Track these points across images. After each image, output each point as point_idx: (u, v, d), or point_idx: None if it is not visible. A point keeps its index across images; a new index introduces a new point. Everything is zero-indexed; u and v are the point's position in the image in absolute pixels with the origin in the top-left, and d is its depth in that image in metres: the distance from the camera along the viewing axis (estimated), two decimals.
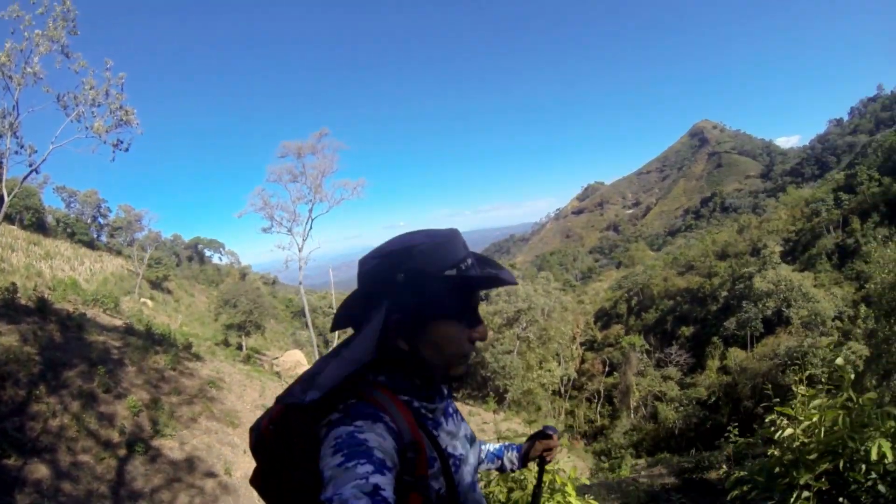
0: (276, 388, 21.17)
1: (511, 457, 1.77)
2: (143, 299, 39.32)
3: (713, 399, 40.48)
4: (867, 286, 37.11)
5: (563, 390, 52.79)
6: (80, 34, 17.08)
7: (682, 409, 40.89)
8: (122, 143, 17.73)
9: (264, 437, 1.22)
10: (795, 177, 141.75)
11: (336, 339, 27.50)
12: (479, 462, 1.60)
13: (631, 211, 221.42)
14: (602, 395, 52.29)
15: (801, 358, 32.85)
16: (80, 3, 17.48)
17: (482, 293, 1.34)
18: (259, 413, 15.84)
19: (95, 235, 58.24)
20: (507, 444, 1.83)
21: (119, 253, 53.49)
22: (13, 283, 16.48)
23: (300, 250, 24.98)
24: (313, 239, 36.03)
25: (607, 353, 59.73)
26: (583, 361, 60.12)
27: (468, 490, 1.30)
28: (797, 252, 65.20)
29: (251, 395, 18.23)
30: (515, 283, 1.29)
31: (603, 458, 35.97)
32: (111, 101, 17.11)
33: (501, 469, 1.78)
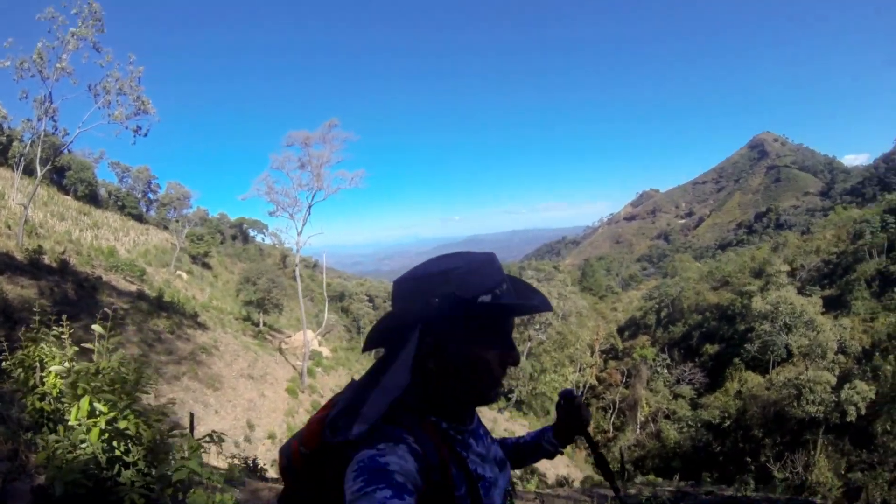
0: (268, 362, 23.09)
1: (549, 438, 1.71)
2: (178, 272, 41.85)
3: (727, 423, 39.27)
4: (880, 318, 36.33)
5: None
6: (107, 31, 19.42)
7: (686, 430, 40.34)
8: (140, 128, 20.17)
9: (294, 459, 1.24)
10: (856, 196, 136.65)
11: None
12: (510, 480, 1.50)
13: (683, 221, 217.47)
14: (617, 406, 51.29)
15: (798, 394, 32.75)
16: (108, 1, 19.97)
17: (516, 319, 1.33)
18: (243, 381, 17.78)
19: (145, 209, 61.84)
20: (530, 433, 1.79)
21: (166, 227, 56.57)
22: (39, 246, 18.82)
23: (299, 234, 26.77)
24: (312, 225, 37.98)
25: (627, 363, 59.06)
26: (603, 370, 59.46)
27: None
28: (836, 275, 62.58)
29: (240, 364, 20.12)
30: (550, 310, 1.33)
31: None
32: (131, 92, 19.40)
33: (546, 454, 1.73)
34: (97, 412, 3.44)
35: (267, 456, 13.54)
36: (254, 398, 18.27)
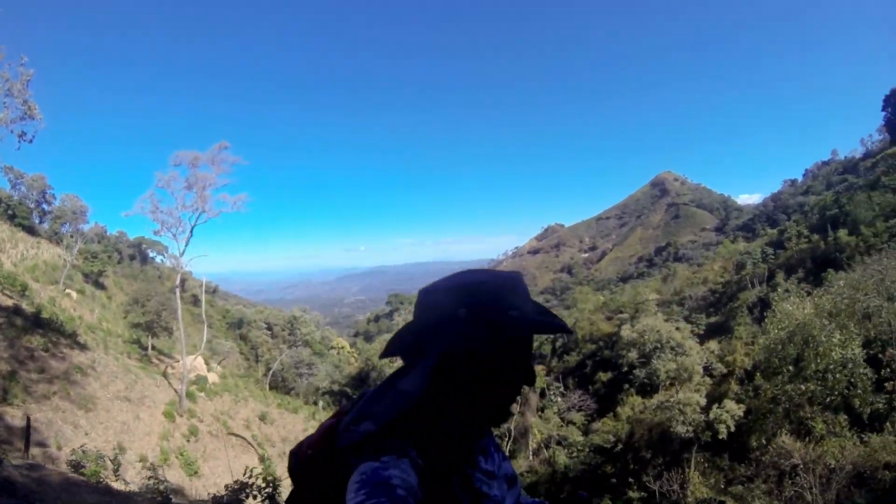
0: (149, 385, 23.08)
1: None
2: (68, 290, 40.46)
3: (618, 447, 40.35)
4: (758, 340, 38.99)
5: None
6: None
7: (577, 454, 41.36)
8: (26, 134, 19.90)
9: (302, 462, 1.25)
10: (747, 231, 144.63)
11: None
12: None
13: (587, 255, 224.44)
14: (513, 433, 50.61)
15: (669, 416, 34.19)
16: None
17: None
18: (118, 403, 17.95)
19: (37, 221, 58.29)
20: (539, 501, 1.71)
21: (59, 242, 54.25)
22: None
23: (181, 255, 26.86)
24: (193, 246, 37.86)
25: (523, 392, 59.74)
26: None
27: None
28: (721, 303, 66.59)
29: (118, 385, 20.08)
30: (571, 333, 1.30)
31: None
32: (19, 95, 19.16)
33: None
34: None
35: (137, 479, 13.72)
36: (128, 421, 18.31)
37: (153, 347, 33.69)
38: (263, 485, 9.94)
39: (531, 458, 46.19)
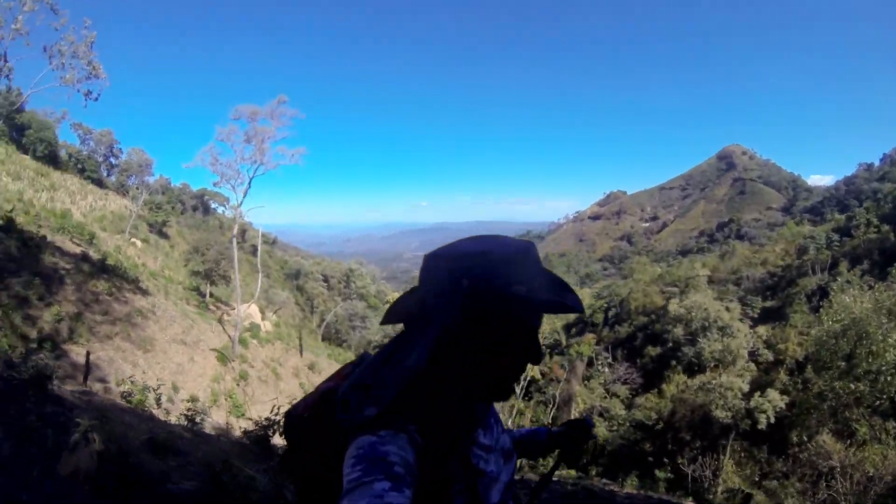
0: (204, 330, 24.14)
1: (537, 441, 1.70)
2: (133, 239, 42.26)
3: (659, 425, 39.51)
4: (811, 332, 37.36)
5: (518, 389, 52.61)
6: None
7: (617, 428, 40.95)
8: (91, 92, 21.09)
9: (297, 424, 1.22)
10: (815, 214, 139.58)
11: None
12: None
13: (647, 224, 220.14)
14: (557, 400, 49.95)
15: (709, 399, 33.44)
16: None
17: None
18: (174, 346, 18.84)
19: (105, 174, 61.18)
20: (534, 428, 1.75)
21: (125, 194, 56.44)
22: None
23: (239, 205, 27.81)
24: (251, 198, 38.98)
25: (568, 359, 59.47)
26: (545, 364, 59.85)
27: None
28: (779, 288, 64.08)
29: (175, 329, 21.11)
30: (582, 312, 1.23)
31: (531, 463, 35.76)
32: (84, 56, 20.21)
33: (531, 456, 1.73)
34: None
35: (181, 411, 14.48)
36: (183, 362, 19.28)
37: (211, 295, 35.05)
38: None
39: None
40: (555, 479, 17.36)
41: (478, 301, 1.08)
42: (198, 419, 6.54)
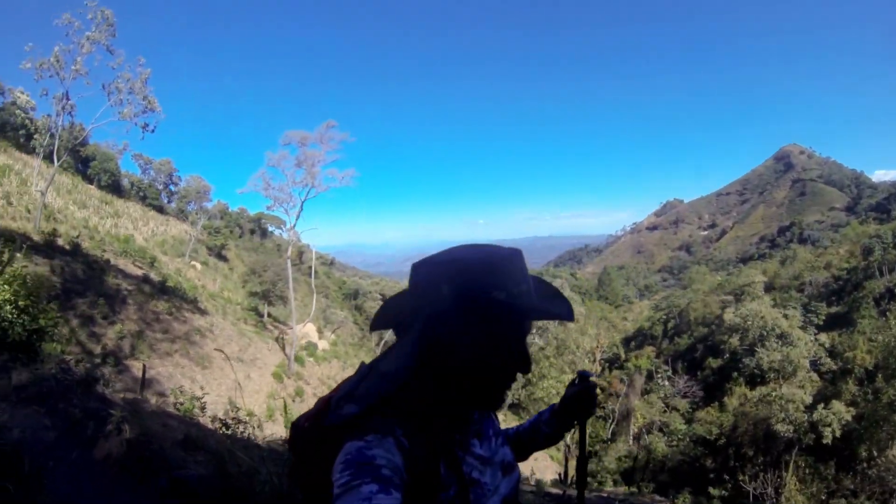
0: (261, 348, 24.77)
1: (546, 419, 1.64)
2: (193, 262, 43.76)
3: (721, 440, 38.03)
4: (878, 338, 35.14)
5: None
6: (119, 28, 22.10)
7: (677, 444, 39.60)
8: (148, 125, 22.51)
9: (299, 435, 1.23)
10: (880, 212, 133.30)
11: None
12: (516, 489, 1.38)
13: (706, 232, 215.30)
14: (616, 415, 49.71)
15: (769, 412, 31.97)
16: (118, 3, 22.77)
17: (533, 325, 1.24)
18: (232, 363, 19.34)
19: (166, 201, 64.10)
20: (529, 419, 1.70)
21: (185, 219, 58.72)
22: (55, 229, 20.73)
23: (291, 228, 28.68)
24: (304, 220, 40.08)
25: (628, 373, 57.96)
26: (603, 378, 58.73)
27: None
28: (845, 292, 61.19)
29: (232, 347, 21.76)
30: (572, 320, 1.21)
31: (588, 478, 33.97)
32: (140, 92, 21.63)
33: (546, 438, 1.64)
34: None
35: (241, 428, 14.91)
36: (239, 379, 19.83)
37: (269, 315, 35.93)
38: None
39: (631, 442, 44.83)
40: (606, 494, 17.04)
41: (457, 308, 1.07)
42: (239, 427, 6.80)
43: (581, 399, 1.53)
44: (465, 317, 1.08)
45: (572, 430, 1.64)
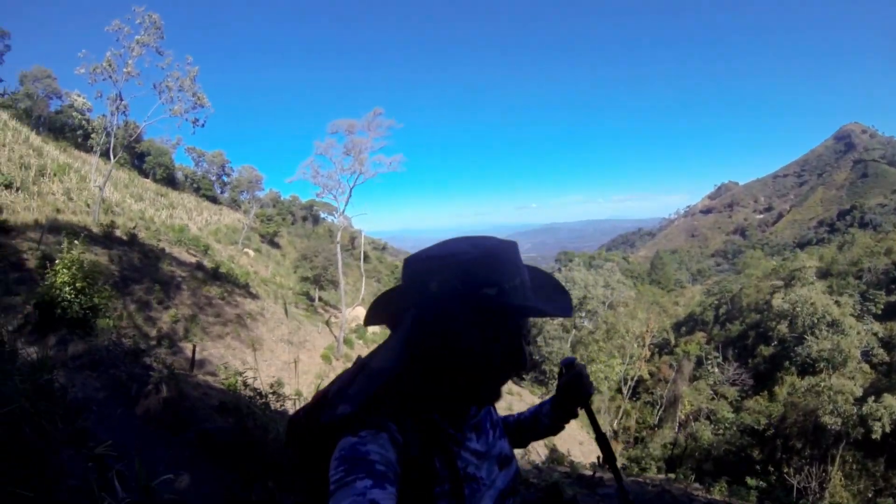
0: (311, 331, 25.53)
1: (546, 411, 1.62)
2: (246, 249, 45.10)
3: (770, 431, 37.11)
4: None
5: (625, 389, 51.17)
6: (167, 27, 23.47)
7: (723, 432, 38.74)
8: (198, 120, 23.61)
9: (295, 428, 1.20)
10: None
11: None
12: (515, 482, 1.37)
13: (762, 216, 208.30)
14: (664, 400, 49.39)
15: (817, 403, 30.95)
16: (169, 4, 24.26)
17: (530, 321, 1.20)
18: (281, 345, 20.18)
19: (219, 191, 66.29)
20: (529, 409, 1.68)
21: (238, 208, 60.51)
22: (112, 221, 21.83)
23: (341, 213, 29.43)
24: (354, 205, 40.73)
25: (678, 358, 56.95)
26: (652, 363, 58.02)
27: None
28: None
29: (282, 330, 22.50)
30: (569, 316, 1.20)
31: (632, 464, 34.22)
32: (189, 89, 22.74)
33: (546, 429, 1.63)
34: None
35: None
36: (289, 360, 20.56)
37: (320, 299, 36.90)
38: None
39: (677, 429, 44.05)
40: (643, 479, 17.04)
41: (447, 304, 1.07)
42: (274, 399, 7.28)
43: (572, 387, 1.52)
44: (455, 315, 1.07)
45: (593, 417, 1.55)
